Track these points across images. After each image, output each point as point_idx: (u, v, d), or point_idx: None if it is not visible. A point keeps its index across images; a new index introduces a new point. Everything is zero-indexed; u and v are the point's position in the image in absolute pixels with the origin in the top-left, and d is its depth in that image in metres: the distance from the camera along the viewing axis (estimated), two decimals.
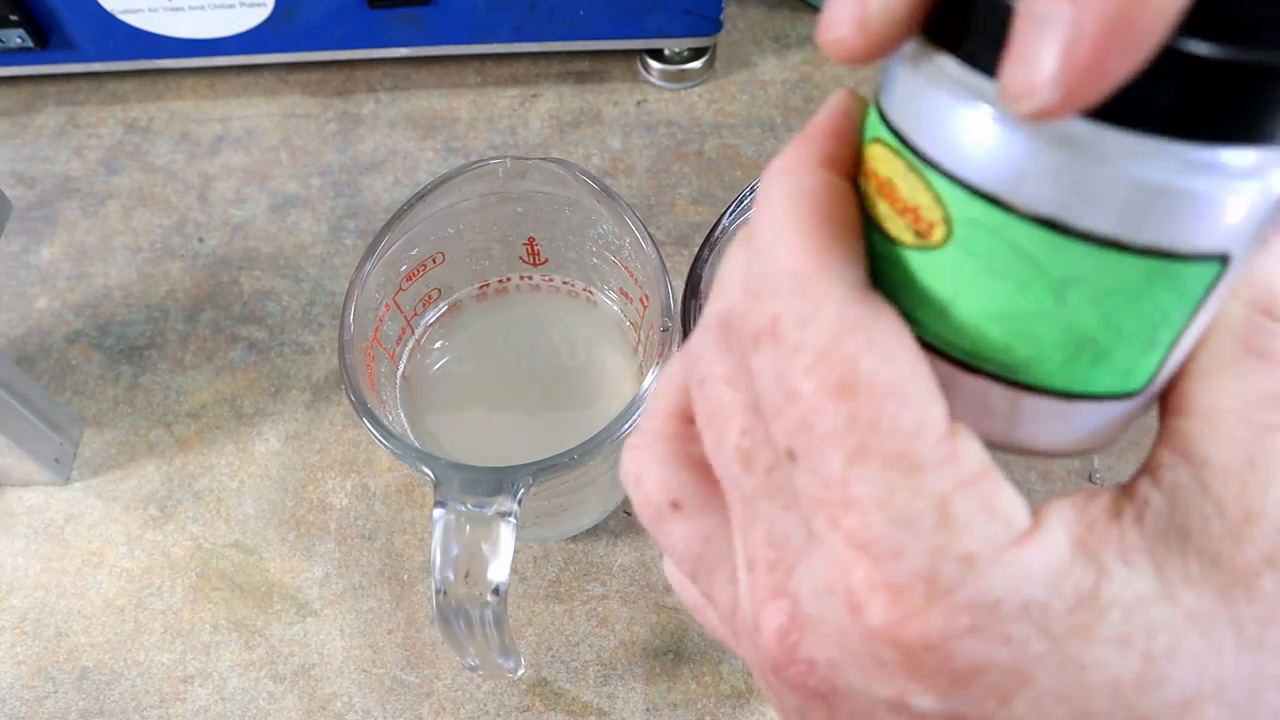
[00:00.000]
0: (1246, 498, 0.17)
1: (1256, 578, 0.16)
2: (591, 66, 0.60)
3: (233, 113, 0.59)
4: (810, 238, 0.17)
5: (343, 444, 0.49)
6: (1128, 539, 0.17)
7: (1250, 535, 0.16)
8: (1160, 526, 0.17)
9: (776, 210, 0.17)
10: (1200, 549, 0.16)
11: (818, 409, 0.16)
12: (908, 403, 0.16)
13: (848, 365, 0.16)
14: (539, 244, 0.45)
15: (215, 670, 0.44)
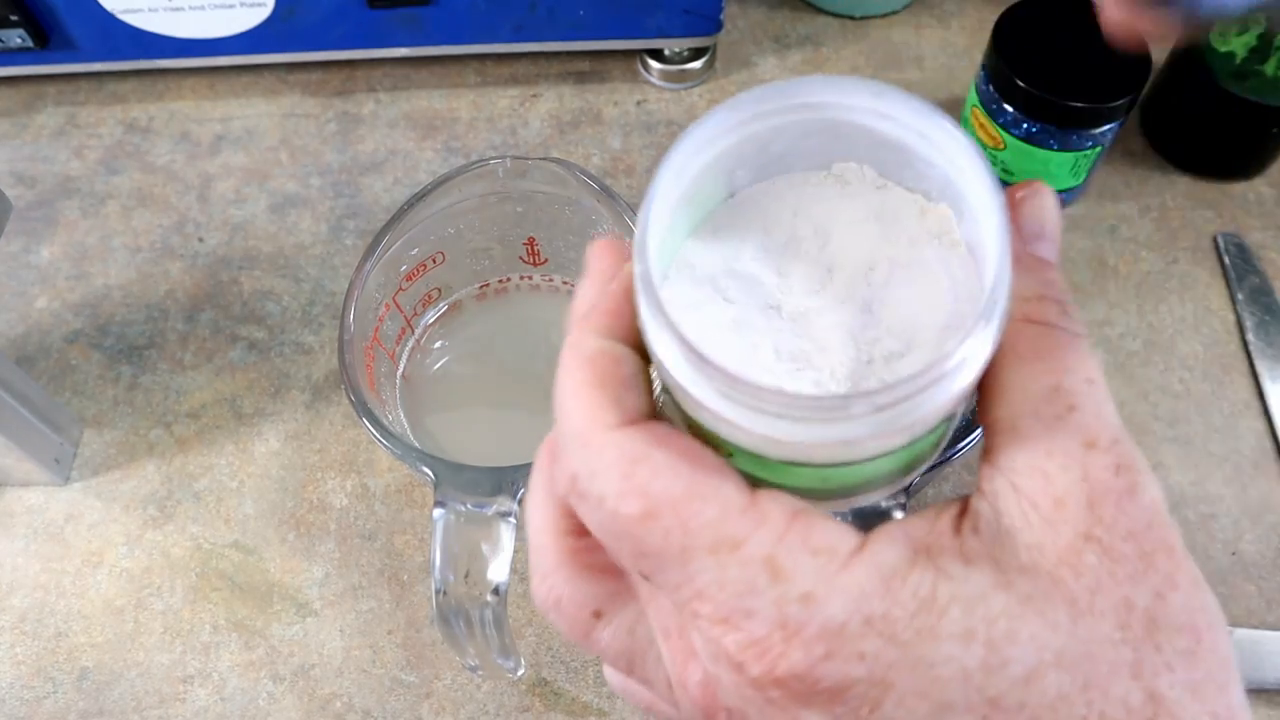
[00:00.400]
0: (1052, 487, 0.19)
1: (1079, 555, 0.18)
2: (591, 66, 0.60)
3: (233, 113, 0.59)
4: (588, 401, 0.20)
5: (343, 444, 0.49)
6: (968, 545, 0.19)
7: (1064, 518, 0.19)
8: (993, 531, 0.19)
9: (564, 381, 0.21)
10: (1027, 544, 0.19)
11: (639, 537, 0.19)
12: (704, 499, 0.19)
13: (642, 495, 0.19)
14: (539, 244, 0.45)
15: (215, 670, 0.43)
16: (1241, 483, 0.48)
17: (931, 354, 0.20)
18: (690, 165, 0.21)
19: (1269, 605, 0.45)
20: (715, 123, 0.21)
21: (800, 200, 0.23)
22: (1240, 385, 0.50)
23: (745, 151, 0.22)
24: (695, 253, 0.22)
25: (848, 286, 0.21)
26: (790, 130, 0.22)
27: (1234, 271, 0.53)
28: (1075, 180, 0.53)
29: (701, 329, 0.21)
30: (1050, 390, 0.20)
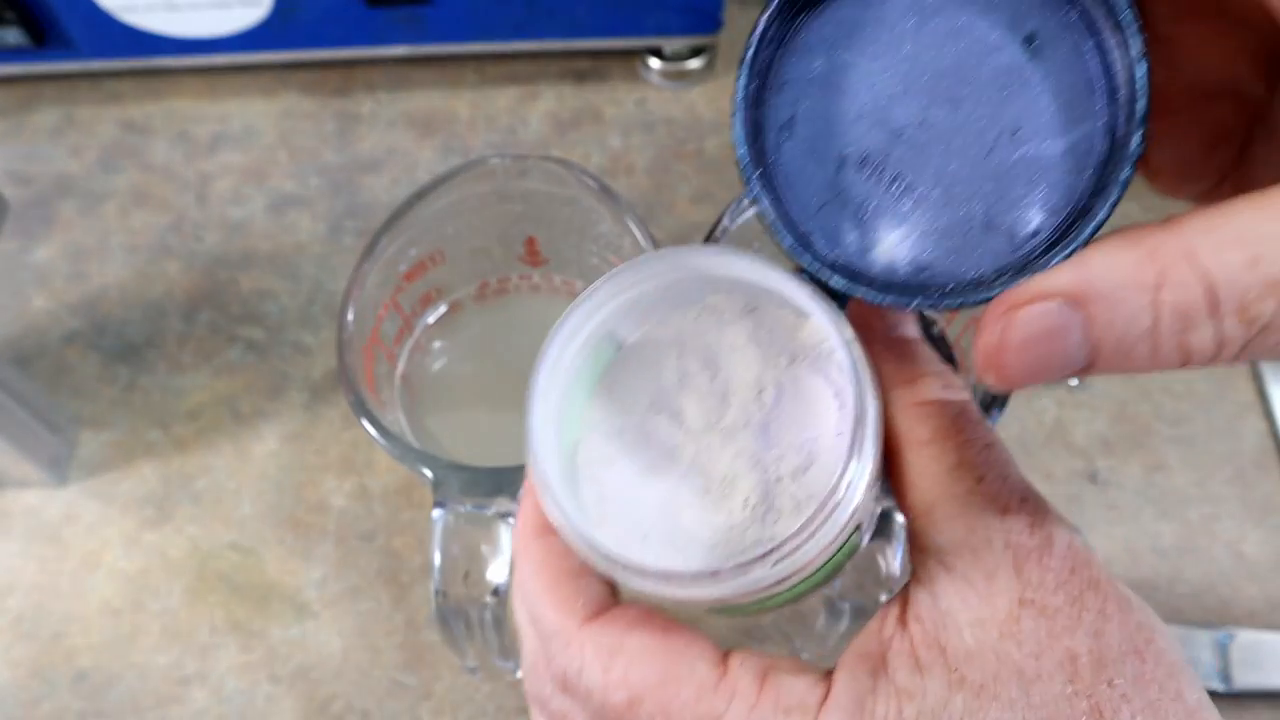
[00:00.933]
0: (981, 562, 0.20)
1: (1017, 622, 0.19)
2: (591, 65, 0.60)
3: (231, 112, 0.59)
4: (555, 601, 0.22)
5: (341, 445, 0.48)
6: (915, 638, 0.20)
7: (998, 590, 0.20)
8: (934, 616, 0.20)
9: (529, 586, 0.23)
10: (968, 621, 0.20)
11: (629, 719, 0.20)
12: (680, 680, 0.20)
13: (624, 685, 0.21)
14: (539, 244, 0.44)
15: (213, 672, 0.43)
16: (1244, 483, 0.48)
17: (832, 465, 0.21)
18: (564, 356, 0.23)
19: (1272, 607, 0.45)
20: (586, 306, 0.23)
21: (682, 338, 0.24)
22: (1242, 385, 0.50)
23: (622, 312, 0.23)
24: (599, 411, 0.24)
25: (743, 412, 0.23)
26: (660, 286, 0.23)
27: None
28: None
29: (622, 482, 0.23)
30: (954, 467, 0.21)
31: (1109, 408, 0.49)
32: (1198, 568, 0.46)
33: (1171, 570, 0.46)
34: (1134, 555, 0.46)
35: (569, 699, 0.22)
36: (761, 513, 0.22)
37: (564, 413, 0.24)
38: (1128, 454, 0.48)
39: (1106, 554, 0.46)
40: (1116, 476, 0.48)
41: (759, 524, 0.22)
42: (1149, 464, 0.48)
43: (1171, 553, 0.46)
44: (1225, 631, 0.43)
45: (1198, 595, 0.45)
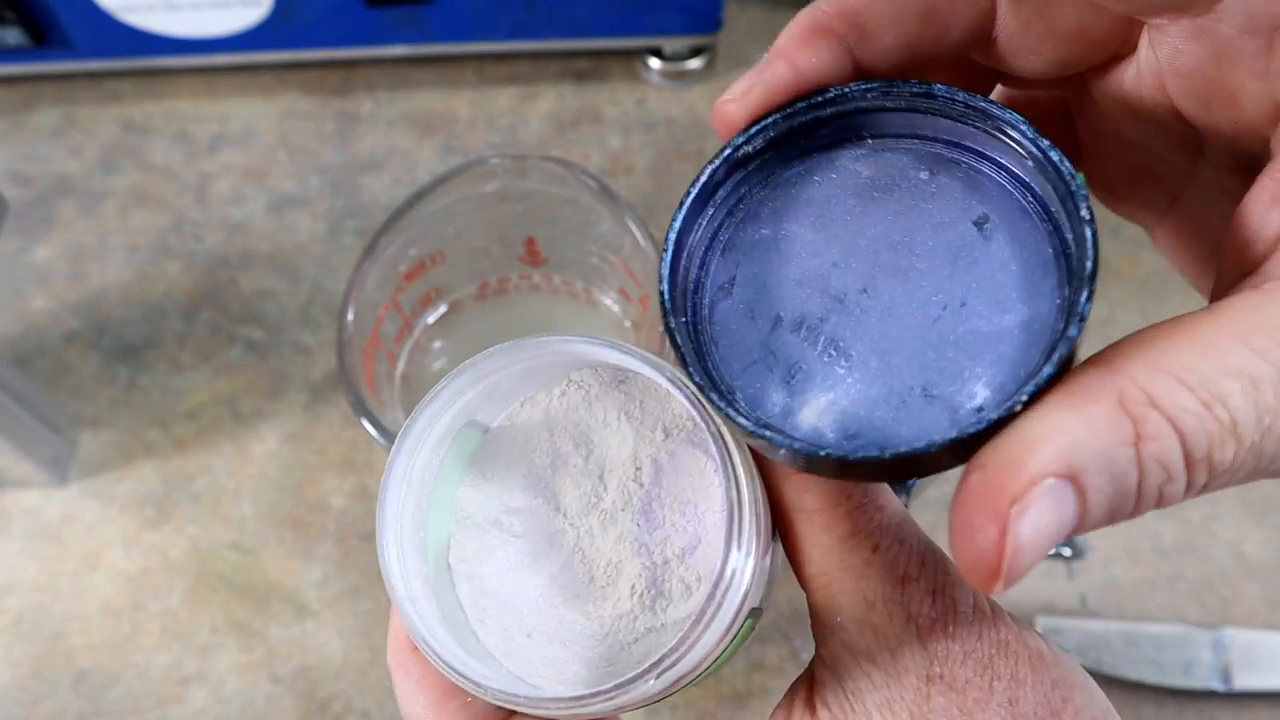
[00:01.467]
0: (884, 639, 0.19)
1: (927, 700, 0.18)
2: (591, 66, 0.60)
3: (231, 112, 0.59)
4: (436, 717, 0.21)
5: (341, 444, 0.48)
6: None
7: (904, 667, 0.19)
8: (840, 698, 0.19)
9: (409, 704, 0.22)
10: (876, 702, 0.19)
11: None
12: None
13: None
14: (539, 244, 0.44)
15: (213, 672, 0.43)
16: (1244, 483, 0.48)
17: (716, 547, 0.20)
18: (419, 453, 0.21)
19: (1271, 606, 0.45)
20: (435, 406, 0.21)
21: (551, 417, 0.23)
22: None
23: (481, 399, 0.22)
24: (470, 501, 0.22)
25: (622, 492, 0.21)
26: (521, 370, 0.22)
27: None
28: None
29: (500, 575, 0.22)
30: (846, 536, 0.19)
31: None
32: (1198, 568, 0.46)
33: (1171, 570, 0.46)
34: (1134, 555, 0.46)
35: None
36: (650, 599, 0.21)
37: (432, 511, 0.22)
38: None
39: (1107, 554, 0.46)
40: None
41: (649, 612, 0.21)
42: None
43: (1171, 552, 0.46)
44: (1225, 631, 0.43)
45: (1198, 595, 0.45)
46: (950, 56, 0.19)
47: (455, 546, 0.22)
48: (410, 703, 0.22)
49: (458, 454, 0.23)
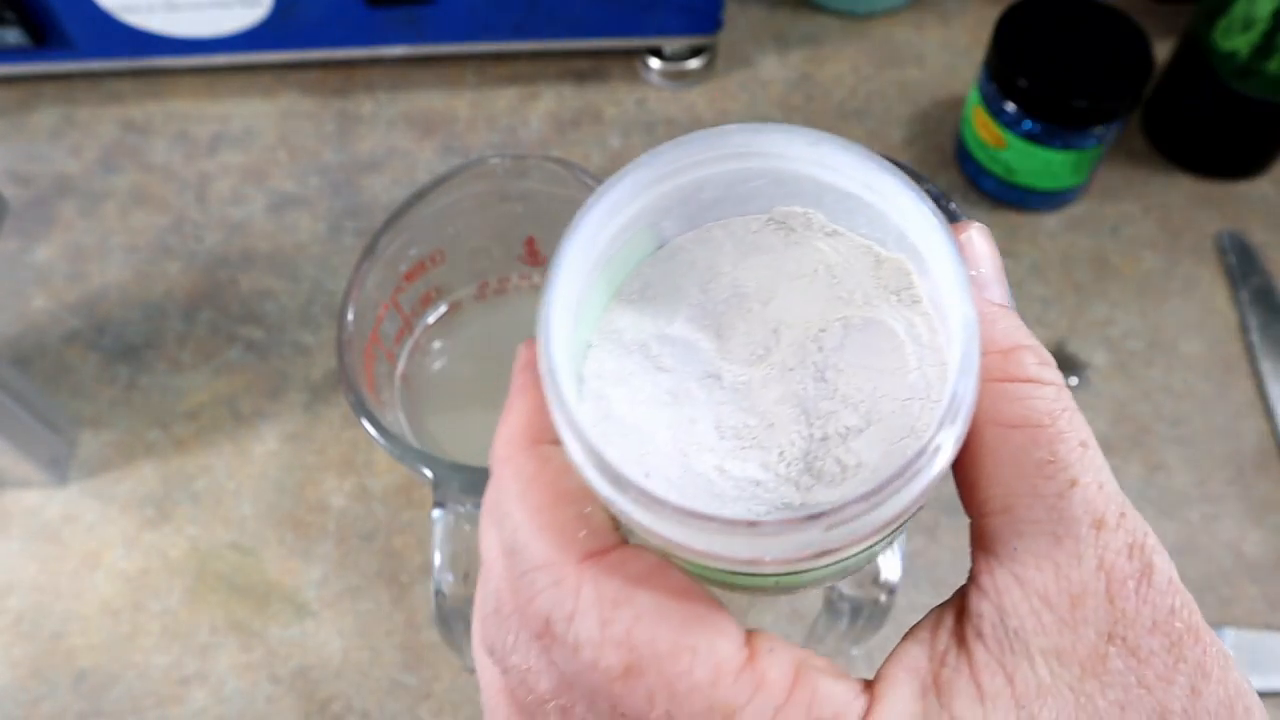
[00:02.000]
0: (1064, 579, 0.17)
1: (1103, 660, 0.16)
2: (591, 66, 0.60)
3: (231, 112, 0.59)
4: (547, 526, 0.18)
5: (341, 445, 0.48)
6: (977, 659, 0.17)
7: (1083, 618, 0.16)
8: (1000, 635, 0.17)
9: (511, 505, 0.18)
10: (1043, 648, 0.17)
11: (618, 696, 0.16)
12: (696, 654, 0.16)
13: (624, 646, 0.16)
14: (538, 244, 0.44)
15: (213, 672, 0.43)
16: (1244, 483, 0.48)
17: (894, 433, 0.18)
18: (604, 230, 0.19)
19: (1272, 607, 0.45)
20: (631, 181, 0.19)
21: (740, 250, 0.20)
22: (1243, 385, 0.50)
23: (670, 201, 0.20)
24: (622, 317, 0.20)
25: (797, 351, 0.19)
26: (721, 179, 0.20)
27: (1237, 271, 0.53)
28: (1077, 179, 0.53)
29: (633, 404, 0.19)
30: (1044, 463, 0.17)
31: (1109, 408, 0.49)
32: (1198, 568, 0.46)
33: None
34: None
35: (541, 652, 0.18)
36: (796, 473, 0.18)
37: (580, 309, 0.19)
38: (1128, 454, 0.48)
39: None
40: (1117, 476, 0.48)
41: (788, 485, 0.18)
42: (1149, 464, 0.48)
43: (1172, 553, 0.46)
44: (1225, 631, 0.43)
45: (1198, 595, 0.45)
46: None
47: (592, 359, 0.20)
48: (511, 503, 0.18)
49: (625, 257, 0.20)
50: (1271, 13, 0.48)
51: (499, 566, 0.19)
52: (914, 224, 0.18)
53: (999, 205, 0.55)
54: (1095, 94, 0.48)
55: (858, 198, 0.19)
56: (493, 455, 0.19)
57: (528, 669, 0.18)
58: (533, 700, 0.18)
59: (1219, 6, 0.50)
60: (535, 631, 0.17)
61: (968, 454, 0.18)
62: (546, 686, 0.18)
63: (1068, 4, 0.51)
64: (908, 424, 0.18)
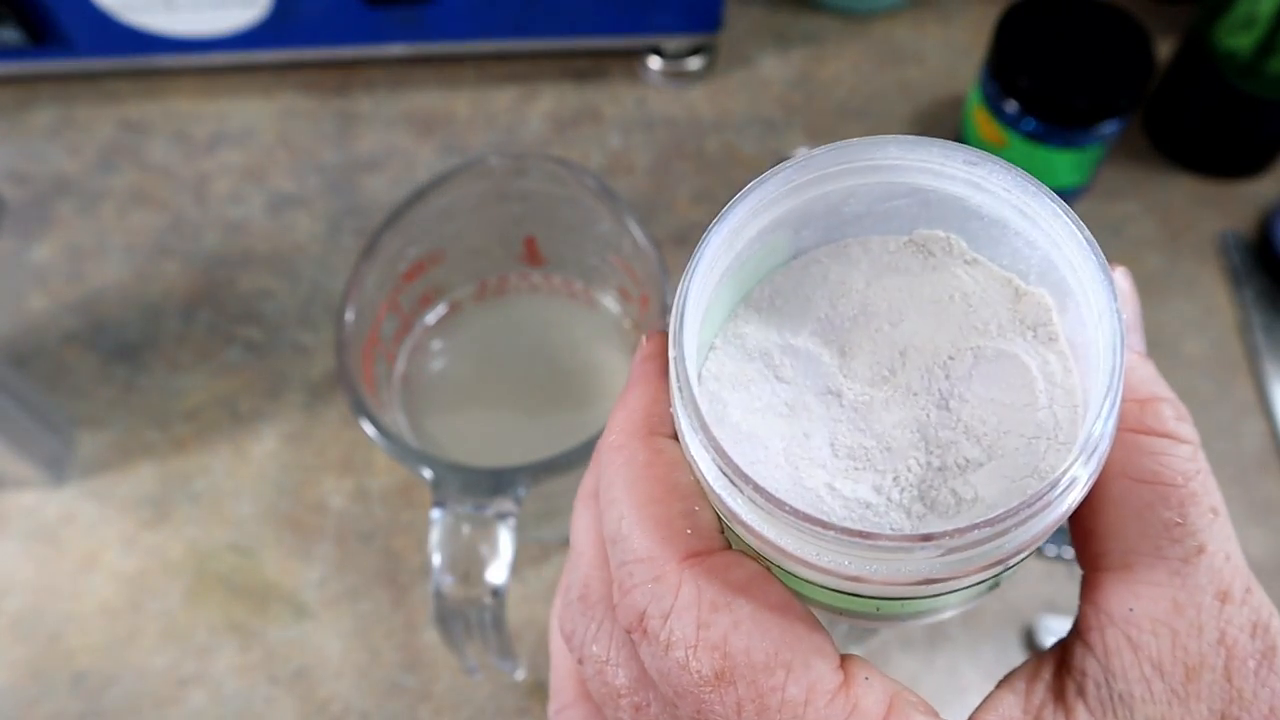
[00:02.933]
0: (1181, 649, 0.16)
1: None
2: (591, 65, 0.60)
3: (229, 111, 0.59)
4: (653, 519, 0.17)
5: (340, 445, 0.48)
6: (1076, 718, 0.16)
7: (1196, 693, 0.16)
8: (1104, 696, 0.16)
9: (618, 493, 0.18)
10: (1148, 718, 0.16)
11: (705, 701, 0.16)
12: (790, 671, 0.16)
13: (718, 651, 0.16)
14: (538, 244, 0.44)
15: (212, 673, 0.43)
16: (1245, 484, 0.48)
17: (1016, 470, 0.17)
18: (745, 230, 0.19)
19: None
20: (778, 182, 0.18)
21: (875, 269, 0.20)
22: (1244, 385, 0.50)
23: (813, 210, 0.19)
24: (748, 322, 0.20)
25: (922, 375, 0.19)
26: (867, 192, 0.19)
27: (1239, 271, 0.53)
28: (1078, 179, 0.53)
29: (748, 411, 0.19)
30: (1172, 524, 0.17)
31: None
32: None
33: None
34: None
35: (623, 646, 0.18)
36: (910, 499, 0.18)
37: (708, 308, 0.19)
38: None
39: None
40: None
41: (901, 512, 0.18)
42: None
43: None
44: None
45: None
46: None
47: (713, 360, 0.19)
48: (618, 490, 0.18)
49: (759, 261, 0.20)
50: (1273, 12, 0.47)
51: (591, 553, 0.19)
52: (1068, 256, 0.18)
53: None
54: (1096, 93, 0.48)
55: (1005, 224, 0.19)
56: (603, 441, 0.19)
57: (606, 660, 0.18)
58: (605, 692, 0.18)
59: (1220, 5, 0.50)
60: (626, 624, 0.17)
61: (1091, 503, 0.18)
62: (623, 681, 0.18)
63: (1069, 3, 0.50)
64: (1031, 463, 0.17)
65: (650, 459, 0.18)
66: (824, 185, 0.19)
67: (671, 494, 0.18)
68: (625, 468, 0.18)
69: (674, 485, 0.18)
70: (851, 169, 0.19)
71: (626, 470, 0.18)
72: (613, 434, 0.19)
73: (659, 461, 0.18)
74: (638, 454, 0.18)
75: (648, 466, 0.18)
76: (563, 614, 0.19)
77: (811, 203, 0.19)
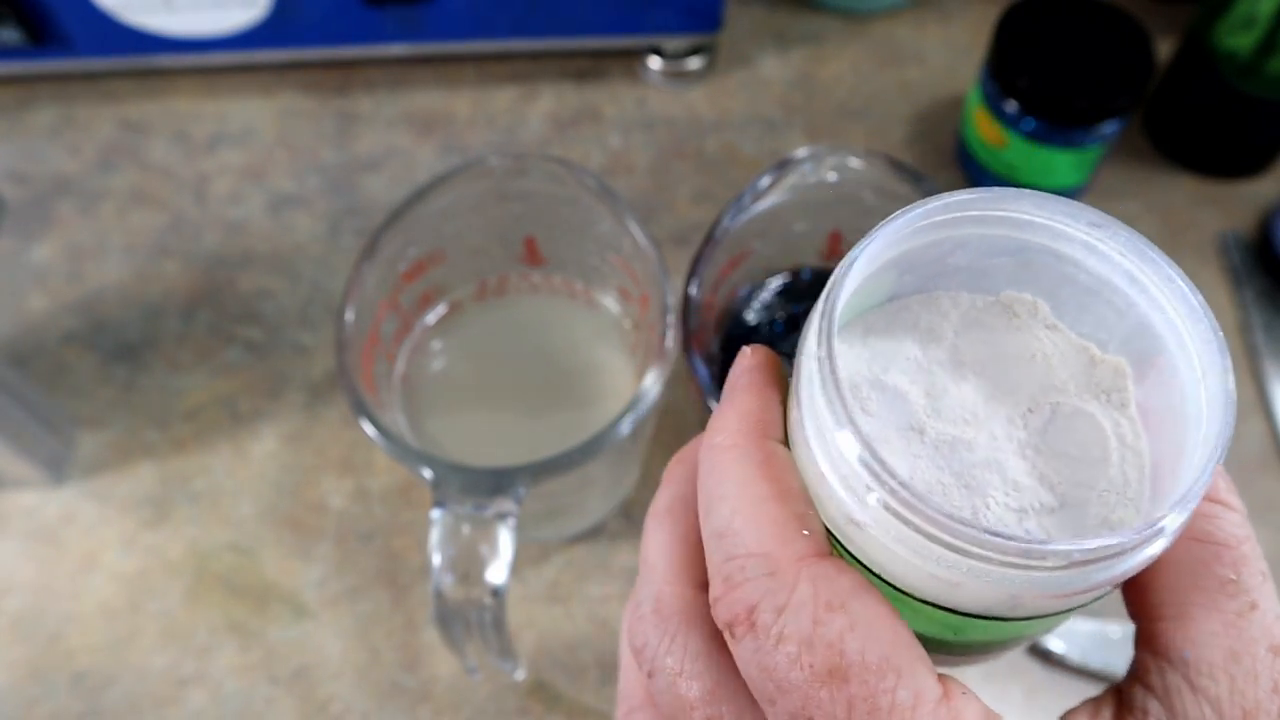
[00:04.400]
0: (1238, 693, 0.17)
1: None
2: (591, 65, 0.60)
3: (229, 111, 0.59)
4: (771, 517, 0.17)
5: (340, 445, 0.48)
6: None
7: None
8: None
9: (729, 490, 0.18)
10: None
11: (813, 699, 0.16)
12: (900, 676, 0.16)
13: (834, 650, 0.16)
14: (538, 244, 0.44)
15: (211, 673, 0.43)
16: (1245, 483, 0.48)
17: (1087, 519, 0.19)
18: (879, 257, 0.19)
19: None
20: (916, 215, 0.19)
21: (963, 321, 0.21)
22: (1244, 385, 0.50)
23: (923, 256, 0.20)
24: (840, 352, 0.20)
25: (1003, 423, 0.20)
26: (978, 245, 0.20)
27: (1239, 271, 0.53)
28: (1078, 179, 0.53)
29: None
30: (1226, 581, 0.18)
31: None
32: None
33: None
34: None
35: (699, 659, 0.18)
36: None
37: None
38: None
39: None
40: None
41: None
42: None
43: None
44: None
45: None
46: None
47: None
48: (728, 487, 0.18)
49: (864, 294, 0.20)
50: (1273, 12, 0.47)
51: (664, 567, 0.19)
52: (1173, 319, 0.19)
53: None
54: (1096, 93, 0.48)
55: (1098, 292, 0.20)
56: (709, 442, 0.19)
57: (679, 673, 0.18)
58: (677, 705, 0.18)
59: (1220, 5, 0.50)
60: (729, 618, 0.17)
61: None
62: (697, 693, 0.18)
63: (1069, 3, 0.50)
64: (1102, 514, 0.18)
65: (765, 459, 0.18)
66: (945, 230, 0.20)
67: (786, 495, 0.18)
68: (738, 465, 0.18)
69: (788, 488, 0.18)
70: (980, 218, 0.20)
71: (739, 468, 0.18)
72: (721, 435, 0.19)
73: (773, 463, 0.18)
74: (752, 453, 0.18)
75: (762, 466, 0.18)
76: (633, 628, 0.20)
77: (926, 248, 0.20)
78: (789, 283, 0.46)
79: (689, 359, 0.38)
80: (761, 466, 0.18)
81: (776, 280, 0.46)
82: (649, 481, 0.47)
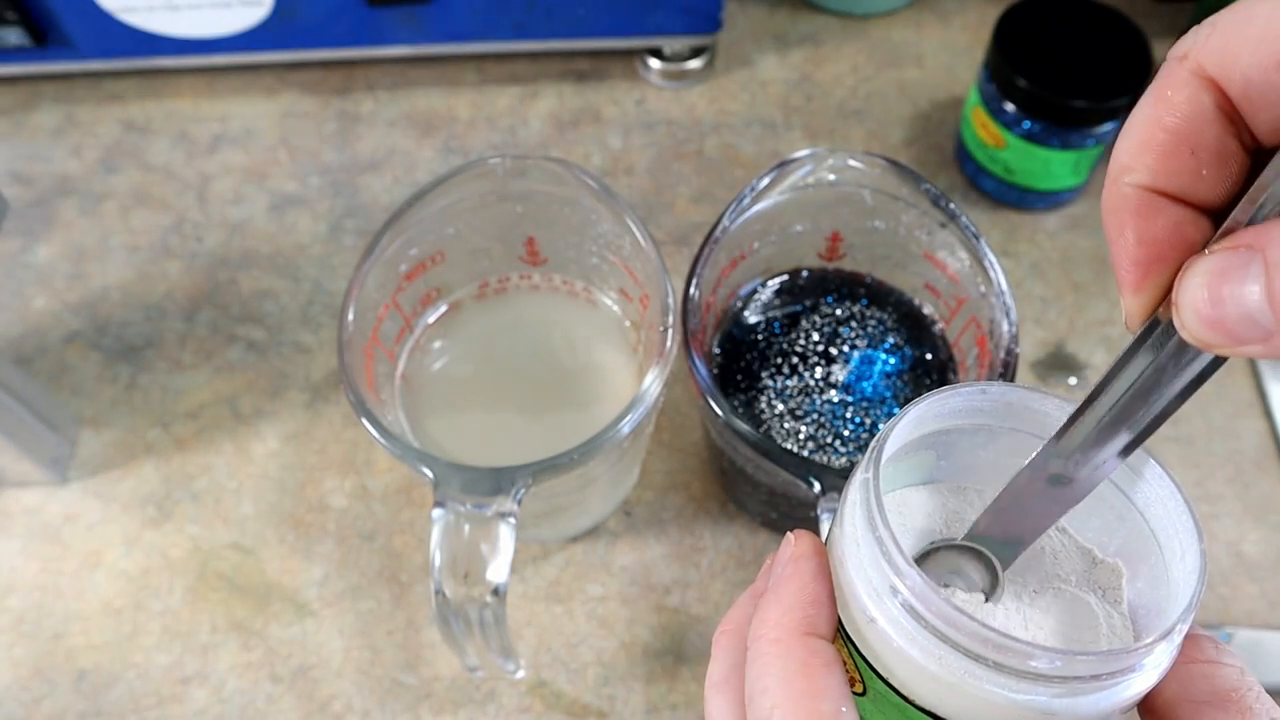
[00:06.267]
0: None
1: None
2: (591, 66, 0.60)
3: (231, 112, 0.59)
4: (806, 712, 0.19)
5: (342, 444, 0.48)
6: None
7: None
8: None
9: (771, 684, 0.20)
10: None
11: None
12: None
13: None
14: (538, 244, 0.44)
15: (214, 671, 0.43)
16: (1243, 482, 0.48)
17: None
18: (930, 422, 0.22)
19: (1271, 606, 0.45)
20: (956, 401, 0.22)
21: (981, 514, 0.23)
22: (1242, 385, 0.50)
23: (963, 444, 0.23)
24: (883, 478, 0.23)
25: (1012, 597, 0.22)
26: (1017, 445, 0.22)
27: None
28: (1077, 179, 0.53)
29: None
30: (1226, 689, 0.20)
31: None
32: None
33: None
34: None
35: None
36: None
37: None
38: None
39: None
40: None
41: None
42: None
43: None
44: (1225, 631, 0.43)
45: None
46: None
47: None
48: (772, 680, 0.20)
49: (898, 475, 0.23)
50: None
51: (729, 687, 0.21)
52: (1164, 517, 0.21)
53: (998, 205, 0.55)
54: (1095, 94, 0.48)
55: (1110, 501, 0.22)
56: (756, 633, 0.21)
57: None
58: None
59: (1218, 6, 0.50)
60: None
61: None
62: None
63: (1067, 4, 0.51)
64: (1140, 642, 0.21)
65: (807, 658, 0.20)
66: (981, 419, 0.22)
67: (826, 693, 0.19)
68: (781, 661, 0.20)
69: (826, 686, 0.20)
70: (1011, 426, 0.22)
71: (782, 664, 0.20)
72: (767, 627, 0.21)
73: (815, 660, 0.20)
74: (794, 650, 0.20)
75: (804, 665, 0.20)
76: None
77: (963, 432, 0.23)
78: (788, 283, 0.46)
79: (689, 359, 0.38)
80: (804, 665, 0.20)
81: (776, 280, 0.46)
82: (649, 481, 0.47)
